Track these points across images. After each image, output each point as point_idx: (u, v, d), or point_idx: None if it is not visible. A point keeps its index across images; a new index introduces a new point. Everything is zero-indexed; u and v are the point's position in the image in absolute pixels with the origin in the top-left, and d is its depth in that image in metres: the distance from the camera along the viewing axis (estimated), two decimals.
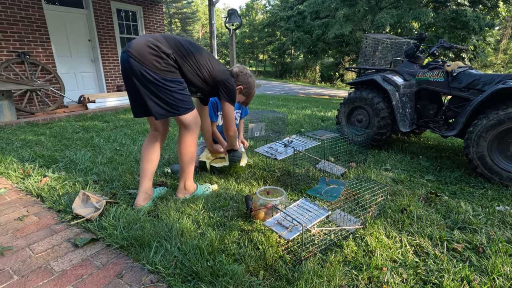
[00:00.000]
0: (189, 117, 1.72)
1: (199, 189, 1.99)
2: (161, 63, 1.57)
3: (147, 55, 1.54)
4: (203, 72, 1.76)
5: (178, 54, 1.65)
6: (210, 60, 1.80)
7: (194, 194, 1.95)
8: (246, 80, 2.05)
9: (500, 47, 26.41)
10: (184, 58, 1.67)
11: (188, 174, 1.89)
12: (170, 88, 1.60)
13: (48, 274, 1.26)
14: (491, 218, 1.78)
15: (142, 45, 1.55)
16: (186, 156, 1.82)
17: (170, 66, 1.60)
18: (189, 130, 1.76)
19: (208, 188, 2.05)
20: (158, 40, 1.61)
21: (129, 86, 1.65)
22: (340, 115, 3.54)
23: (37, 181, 2.16)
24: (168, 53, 1.59)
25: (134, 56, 1.53)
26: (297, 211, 1.50)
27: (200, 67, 1.74)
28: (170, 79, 1.60)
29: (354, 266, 1.33)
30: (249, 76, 2.06)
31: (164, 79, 1.58)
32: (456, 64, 2.88)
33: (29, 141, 3.25)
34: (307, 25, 16.52)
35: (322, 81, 29.25)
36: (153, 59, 1.55)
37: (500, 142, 2.32)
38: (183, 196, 1.92)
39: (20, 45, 5.21)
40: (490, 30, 12.23)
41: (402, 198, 2.03)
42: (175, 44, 1.65)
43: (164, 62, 1.58)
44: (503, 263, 1.33)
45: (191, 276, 1.23)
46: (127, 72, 1.58)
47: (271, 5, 34.25)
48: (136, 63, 1.53)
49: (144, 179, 1.80)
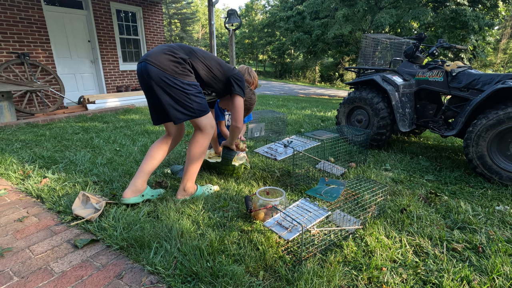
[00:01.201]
0: (205, 120, 1.80)
1: (199, 190, 1.99)
2: (178, 68, 1.66)
3: (166, 61, 1.64)
4: (215, 72, 1.87)
5: (193, 59, 1.75)
6: (219, 62, 1.92)
7: (194, 196, 1.95)
8: (249, 95, 2.18)
9: (500, 47, 26.42)
10: (198, 63, 1.78)
11: (191, 175, 1.90)
12: (188, 91, 1.69)
13: (48, 275, 1.26)
14: (491, 218, 1.78)
15: (159, 52, 1.66)
16: (194, 156, 1.85)
17: (186, 70, 1.70)
18: (203, 133, 1.83)
19: (210, 189, 2.05)
20: (174, 48, 1.72)
21: (149, 93, 1.77)
22: (339, 115, 3.55)
23: (37, 182, 2.16)
24: (185, 58, 1.70)
25: (153, 63, 1.62)
26: (296, 212, 1.50)
27: (212, 68, 1.85)
28: (188, 82, 1.69)
29: (354, 266, 1.33)
30: (252, 93, 2.20)
31: (182, 82, 1.66)
32: (456, 64, 2.88)
33: (29, 142, 3.25)
34: (307, 25, 16.52)
35: (322, 81, 29.26)
36: (171, 64, 1.65)
37: (499, 142, 2.32)
38: (182, 197, 1.92)
39: (20, 46, 5.21)
40: (490, 30, 12.23)
41: (402, 198, 2.03)
42: (189, 51, 1.77)
43: (182, 67, 1.68)
44: (503, 263, 1.33)
45: (191, 277, 1.24)
46: (146, 80, 1.67)
47: (271, 5, 34.28)
48: (156, 69, 1.62)
49: (139, 173, 1.83)
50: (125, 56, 7.20)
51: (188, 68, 1.71)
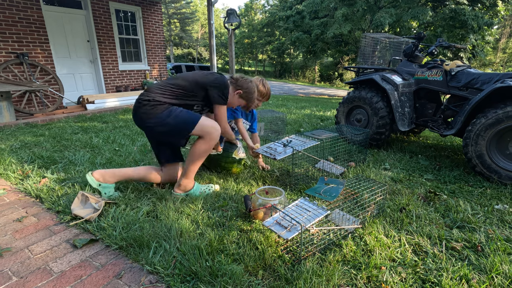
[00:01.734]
0: (199, 127, 1.82)
1: (196, 187, 1.99)
2: (147, 106, 1.79)
3: (138, 110, 1.82)
4: (189, 89, 1.88)
5: (162, 92, 1.83)
6: (194, 77, 1.90)
7: (190, 193, 1.96)
8: (246, 84, 2.09)
9: (499, 46, 26.45)
10: (168, 91, 1.84)
11: (189, 172, 1.91)
12: (165, 120, 1.78)
13: (47, 275, 1.26)
14: (490, 217, 1.79)
15: (134, 107, 1.85)
16: (195, 154, 1.87)
17: (156, 105, 1.79)
18: (205, 138, 1.85)
19: (210, 188, 2.05)
20: (146, 92, 1.86)
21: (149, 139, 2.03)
22: (339, 115, 3.55)
23: (36, 182, 2.15)
24: (149, 98, 1.81)
25: (134, 119, 1.87)
26: (296, 211, 1.50)
27: (183, 87, 1.87)
28: (161, 113, 1.78)
29: (353, 265, 1.33)
30: (249, 81, 2.11)
31: (156, 117, 1.78)
32: (455, 63, 2.89)
33: (28, 142, 3.25)
34: (306, 24, 16.52)
35: (322, 80, 29.27)
36: (143, 110, 1.79)
37: (498, 141, 2.32)
38: (178, 192, 1.94)
39: (19, 46, 5.20)
40: (489, 29, 12.24)
41: (401, 197, 2.03)
42: (157, 86, 1.86)
43: (151, 104, 1.79)
44: (501, 261, 1.33)
45: (190, 276, 1.23)
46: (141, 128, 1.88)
47: (270, 5, 34.25)
48: (138, 122, 1.85)
49: (119, 171, 1.92)
50: (125, 56, 7.20)
51: (157, 102, 1.79)
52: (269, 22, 26.67)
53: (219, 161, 2.35)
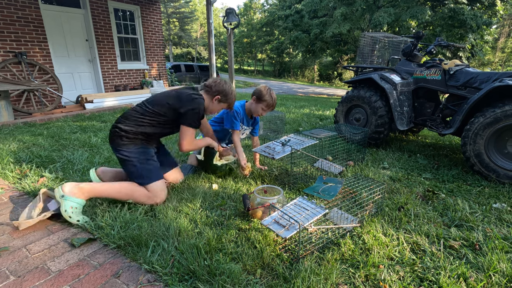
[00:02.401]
0: (149, 186, 1.80)
1: (79, 202, 1.64)
2: (122, 138, 1.80)
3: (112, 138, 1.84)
4: (168, 117, 1.88)
5: (137, 123, 1.83)
6: (169, 101, 1.87)
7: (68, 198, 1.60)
8: (221, 88, 2.04)
9: (498, 45, 26.48)
10: (146, 120, 1.85)
11: (102, 193, 1.72)
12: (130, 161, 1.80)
13: (44, 274, 1.26)
14: (488, 216, 1.79)
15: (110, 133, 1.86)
16: (129, 191, 1.76)
17: (132, 138, 1.81)
18: (149, 195, 1.81)
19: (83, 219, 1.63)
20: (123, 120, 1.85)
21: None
22: (338, 114, 3.55)
23: (34, 181, 2.15)
24: (127, 130, 1.81)
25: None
26: (294, 210, 1.50)
27: (162, 115, 1.87)
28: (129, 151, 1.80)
29: (351, 264, 1.33)
30: (223, 83, 2.06)
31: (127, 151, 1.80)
32: (453, 62, 2.89)
33: (26, 141, 3.24)
34: (305, 24, 16.51)
35: (321, 80, 29.28)
36: (117, 141, 1.81)
37: (497, 140, 2.33)
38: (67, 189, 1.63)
39: (17, 45, 5.19)
40: (488, 29, 12.25)
41: (400, 196, 2.04)
42: (134, 114, 1.86)
43: (126, 136, 1.80)
44: (499, 260, 1.34)
45: (188, 275, 1.23)
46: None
47: (269, 4, 34.21)
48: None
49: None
50: (123, 55, 7.18)
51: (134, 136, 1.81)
52: (268, 21, 26.66)
53: (207, 165, 2.36)
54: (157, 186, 1.81)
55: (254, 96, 2.35)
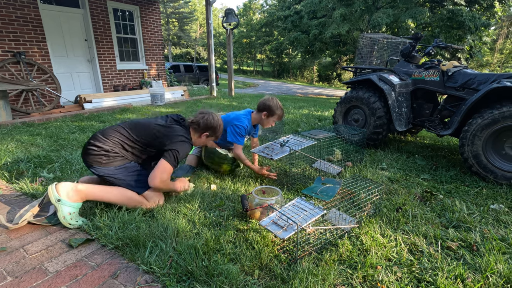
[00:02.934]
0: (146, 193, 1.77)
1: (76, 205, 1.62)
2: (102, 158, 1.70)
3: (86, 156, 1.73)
4: (153, 147, 1.80)
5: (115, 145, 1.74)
6: (157, 134, 1.79)
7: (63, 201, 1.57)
8: (209, 124, 1.94)
9: (496, 47, 26.57)
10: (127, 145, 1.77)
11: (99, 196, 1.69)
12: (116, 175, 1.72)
13: (42, 274, 1.26)
14: (486, 217, 1.80)
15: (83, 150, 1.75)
16: (122, 196, 1.71)
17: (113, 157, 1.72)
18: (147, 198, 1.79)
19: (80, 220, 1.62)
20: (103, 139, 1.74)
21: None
22: (336, 115, 3.55)
23: (32, 181, 2.14)
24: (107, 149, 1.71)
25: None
26: (292, 211, 1.50)
27: (145, 145, 1.80)
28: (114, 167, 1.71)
29: (349, 265, 1.34)
30: (211, 118, 1.95)
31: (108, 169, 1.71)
32: (452, 64, 2.90)
33: (25, 141, 3.23)
34: (304, 24, 16.54)
35: (320, 80, 29.32)
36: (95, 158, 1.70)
37: (494, 141, 2.34)
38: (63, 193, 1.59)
39: (16, 45, 5.17)
40: (486, 30, 12.30)
41: (398, 197, 2.04)
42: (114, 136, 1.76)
43: (105, 156, 1.70)
44: (496, 261, 1.34)
45: (186, 276, 1.23)
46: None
47: (269, 4, 34.27)
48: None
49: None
50: (122, 55, 7.17)
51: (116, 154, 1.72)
52: (268, 22, 26.67)
53: (211, 155, 2.33)
54: (153, 192, 1.78)
55: (264, 112, 2.35)
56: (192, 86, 12.40)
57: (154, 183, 1.70)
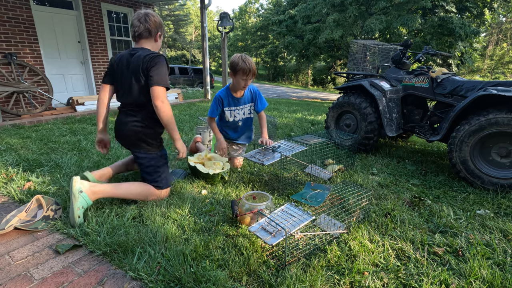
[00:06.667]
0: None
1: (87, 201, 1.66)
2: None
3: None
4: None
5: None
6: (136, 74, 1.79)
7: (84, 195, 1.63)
8: (156, 21, 1.86)
9: (487, 53, 27.11)
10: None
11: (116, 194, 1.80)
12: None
13: (27, 282, 1.24)
14: (472, 222, 1.83)
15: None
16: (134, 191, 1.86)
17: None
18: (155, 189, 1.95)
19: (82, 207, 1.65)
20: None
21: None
22: (328, 120, 3.58)
23: (20, 185, 2.11)
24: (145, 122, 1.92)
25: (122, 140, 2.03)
26: (281, 216, 1.51)
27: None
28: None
29: (336, 270, 1.35)
30: (151, 15, 1.85)
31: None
32: (441, 71, 2.96)
33: (14, 144, 3.18)
34: (299, 29, 16.70)
35: (315, 84, 29.53)
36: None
37: (482, 147, 2.38)
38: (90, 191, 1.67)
39: (7, 46, 5.11)
40: (476, 37, 12.56)
41: (387, 202, 2.06)
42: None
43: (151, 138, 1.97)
44: (480, 266, 1.37)
45: (173, 283, 1.23)
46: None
47: (264, 9, 34.50)
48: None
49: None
50: None
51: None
52: (263, 25, 26.85)
53: (196, 173, 2.36)
54: (169, 187, 2.02)
55: (230, 73, 2.23)
56: (187, 88, 12.37)
57: (156, 103, 1.73)
